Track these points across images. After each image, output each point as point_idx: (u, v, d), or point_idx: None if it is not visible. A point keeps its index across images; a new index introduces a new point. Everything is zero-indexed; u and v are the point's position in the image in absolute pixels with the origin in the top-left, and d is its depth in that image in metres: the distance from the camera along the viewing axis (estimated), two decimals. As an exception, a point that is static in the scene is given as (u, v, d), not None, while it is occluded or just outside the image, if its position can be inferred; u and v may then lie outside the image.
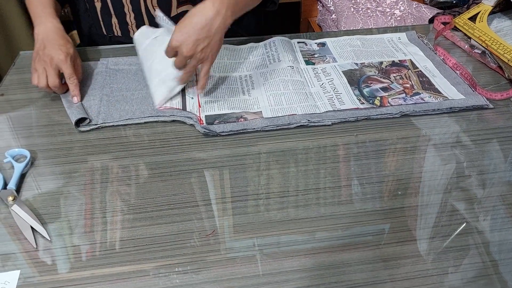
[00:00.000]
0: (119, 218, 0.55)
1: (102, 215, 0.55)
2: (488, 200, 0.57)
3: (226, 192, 0.58)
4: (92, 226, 0.54)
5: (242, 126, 0.68)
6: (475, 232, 0.53)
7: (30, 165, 0.63)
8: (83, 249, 0.51)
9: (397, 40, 0.91)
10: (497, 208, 0.56)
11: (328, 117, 0.69)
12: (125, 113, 0.70)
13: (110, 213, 0.56)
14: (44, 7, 0.78)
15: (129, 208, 0.56)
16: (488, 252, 0.51)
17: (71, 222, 0.54)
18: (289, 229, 0.54)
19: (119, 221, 0.54)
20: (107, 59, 0.84)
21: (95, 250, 0.51)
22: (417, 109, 0.71)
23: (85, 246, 0.52)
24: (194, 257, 0.51)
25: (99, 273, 0.49)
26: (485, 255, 0.50)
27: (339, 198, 0.58)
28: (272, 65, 0.82)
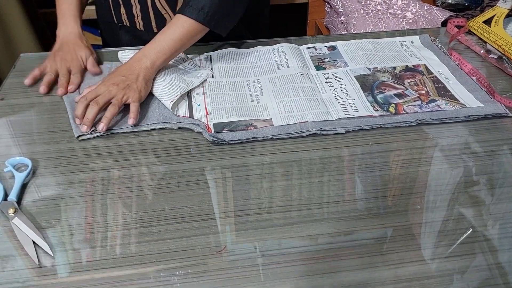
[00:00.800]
0: (125, 232, 0.53)
1: (107, 229, 0.53)
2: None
3: (237, 205, 0.56)
4: (97, 241, 0.52)
5: (252, 135, 0.65)
6: (494, 250, 0.51)
7: (32, 175, 0.61)
8: (87, 266, 0.49)
9: (410, 43, 0.89)
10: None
11: (341, 125, 0.67)
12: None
13: (115, 227, 0.53)
14: (68, 5, 0.84)
15: (136, 221, 0.54)
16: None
17: (75, 237, 0.52)
18: (304, 245, 0.51)
19: (125, 235, 0.52)
20: (111, 63, 0.82)
21: (101, 268, 0.49)
22: (433, 117, 0.69)
23: (89, 263, 0.49)
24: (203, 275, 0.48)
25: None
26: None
27: (355, 213, 0.55)
28: (281, 70, 0.80)
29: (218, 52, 0.85)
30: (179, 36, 0.73)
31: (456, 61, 0.84)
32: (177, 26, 0.74)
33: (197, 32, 0.75)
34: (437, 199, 0.57)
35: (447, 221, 0.54)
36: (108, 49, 0.89)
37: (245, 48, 0.87)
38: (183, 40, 0.74)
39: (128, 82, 0.69)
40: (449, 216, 0.55)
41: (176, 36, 0.73)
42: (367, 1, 1.07)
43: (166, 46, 0.72)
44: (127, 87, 0.68)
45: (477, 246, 0.51)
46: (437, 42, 0.89)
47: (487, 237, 0.52)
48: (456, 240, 0.52)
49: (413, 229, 0.53)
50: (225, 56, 0.84)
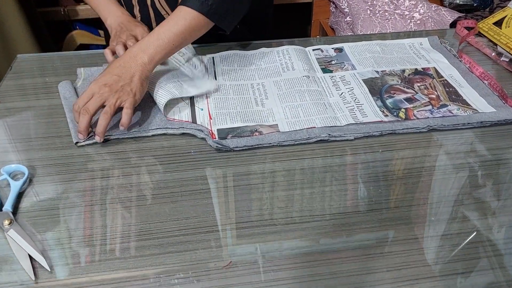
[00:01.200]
0: (126, 245, 0.50)
1: (107, 242, 0.51)
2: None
3: (243, 216, 0.54)
4: (96, 255, 0.49)
5: (257, 141, 0.63)
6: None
7: (28, 183, 0.58)
8: (85, 282, 0.46)
9: (419, 45, 0.87)
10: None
11: (350, 131, 0.65)
12: (131, 125, 0.66)
13: (115, 239, 0.51)
14: (107, 1, 0.82)
15: (137, 233, 0.52)
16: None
17: (72, 250, 0.50)
18: (315, 260, 0.49)
19: (126, 248, 0.50)
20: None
21: (100, 284, 0.47)
22: (445, 123, 0.67)
23: (87, 278, 0.47)
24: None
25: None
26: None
27: (366, 224, 0.53)
28: (286, 73, 0.78)
29: (221, 54, 0.82)
30: (180, 29, 0.68)
31: (467, 64, 0.81)
32: (179, 18, 0.69)
33: (200, 26, 0.71)
34: (450, 210, 0.55)
35: (461, 234, 0.52)
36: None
37: (248, 50, 0.84)
38: (184, 33, 0.69)
39: (121, 84, 0.64)
40: (463, 229, 0.52)
41: (177, 29, 0.68)
42: (373, 1, 1.04)
43: (166, 39, 0.67)
44: (120, 90, 0.63)
45: (494, 260, 0.49)
46: (447, 44, 0.87)
47: (502, 251, 0.50)
48: (470, 253, 0.50)
49: (426, 242, 0.51)
50: (229, 58, 0.82)
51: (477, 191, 0.58)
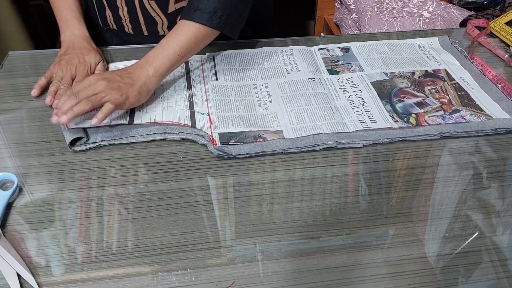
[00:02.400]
0: (122, 262, 0.47)
1: (102, 259, 0.48)
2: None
3: (246, 231, 0.51)
4: (90, 272, 0.46)
5: (261, 148, 0.60)
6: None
7: (18, 193, 0.54)
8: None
9: (429, 45, 0.83)
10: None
11: (358, 138, 0.62)
12: (127, 129, 0.62)
13: (111, 256, 0.48)
14: (70, 10, 0.77)
15: (134, 250, 0.49)
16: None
17: (65, 268, 0.47)
18: (322, 280, 0.46)
19: (122, 265, 0.47)
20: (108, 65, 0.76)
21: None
22: (458, 130, 0.64)
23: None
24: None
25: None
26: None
27: (377, 242, 0.50)
28: (290, 75, 0.74)
29: (222, 52, 0.79)
30: (186, 41, 0.66)
31: (479, 66, 0.78)
32: (184, 29, 0.67)
33: (206, 37, 0.69)
34: (467, 225, 0.52)
35: (478, 252, 0.49)
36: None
37: (250, 49, 0.80)
38: (190, 45, 0.67)
39: (119, 84, 0.62)
40: (481, 247, 0.49)
41: (183, 42, 0.66)
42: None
43: (171, 51, 0.65)
44: (116, 88, 0.61)
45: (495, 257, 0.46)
46: (457, 44, 0.83)
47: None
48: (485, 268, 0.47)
49: (439, 261, 0.48)
50: (230, 57, 0.78)
51: (488, 202, 0.54)
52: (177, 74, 0.74)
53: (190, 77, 0.73)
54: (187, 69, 0.75)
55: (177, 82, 0.72)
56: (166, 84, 0.71)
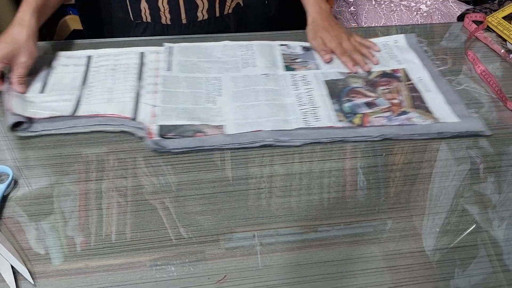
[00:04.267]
0: (116, 255, 0.50)
1: (96, 252, 0.49)
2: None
3: (239, 223, 0.53)
4: (84, 266, 0.48)
5: (199, 143, 0.61)
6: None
7: (13, 185, 0.55)
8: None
9: (394, 44, 0.82)
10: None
11: (298, 136, 0.63)
12: (69, 120, 0.64)
13: (105, 249, 0.50)
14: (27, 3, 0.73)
15: (128, 243, 0.50)
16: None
17: (59, 260, 0.47)
18: (315, 274, 0.47)
19: (116, 258, 0.50)
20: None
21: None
22: (401, 133, 0.64)
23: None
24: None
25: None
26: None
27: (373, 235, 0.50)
28: (246, 69, 0.75)
29: (180, 45, 0.79)
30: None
31: (471, 62, 0.77)
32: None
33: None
34: (456, 220, 0.52)
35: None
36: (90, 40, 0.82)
37: (210, 42, 0.80)
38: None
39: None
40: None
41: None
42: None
43: None
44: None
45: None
46: (424, 43, 0.82)
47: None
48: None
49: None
50: (188, 49, 0.79)
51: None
52: (131, 65, 0.75)
53: (143, 69, 0.74)
54: (141, 60, 0.76)
55: (129, 74, 0.73)
56: (117, 75, 0.73)
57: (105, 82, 0.71)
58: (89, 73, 0.73)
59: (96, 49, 0.78)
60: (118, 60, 0.76)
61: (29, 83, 0.70)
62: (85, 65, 0.75)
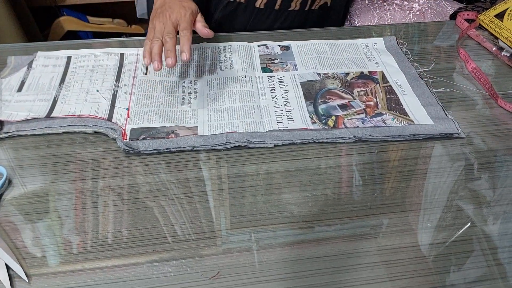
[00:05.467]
0: (109, 254, 0.51)
1: (90, 250, 0.50)
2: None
3: (233, 220, 0.54)
4: (77, 263, 0.49)
5: (171, 144, 0.62)
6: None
7: (7, 185, 0.55)
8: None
9: (373, 46, 0.83)
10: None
11: (271, 138, 0.63)
12: (43, 121, 0.65)
13: (99, 247, 0.51)
14: None
15: (121, 241, 0.51)
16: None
17: (53, 258, 0.48)
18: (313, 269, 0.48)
19: (109, 257, 0.50)
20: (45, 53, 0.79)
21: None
22: (374, 134, 0.64)
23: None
24: None
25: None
26: None
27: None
28: (223, 71, 0.76)
29: None
30: None
31: (462, 59, 0.78)
32: None
33: None
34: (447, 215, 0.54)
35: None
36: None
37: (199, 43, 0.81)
38: None
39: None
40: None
41: None
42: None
43: None
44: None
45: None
46: (404, 46, 0.82)
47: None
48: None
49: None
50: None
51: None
52: (110, 66, 0.76)
53: (122, 70, 0.75)
54: (121, 62, 0.77)
55: (107, 74, 0.74)
56: (95, 75, 0.74)
57: (82, 83, 0.72)
58: (67, 73, 0.74)
59: (76, 50, 0.78)
60: (97, 61, 0.77)
61: (7, 83, 0.71)
62: (64, 65, 0.76)
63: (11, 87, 0.70)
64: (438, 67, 0.78)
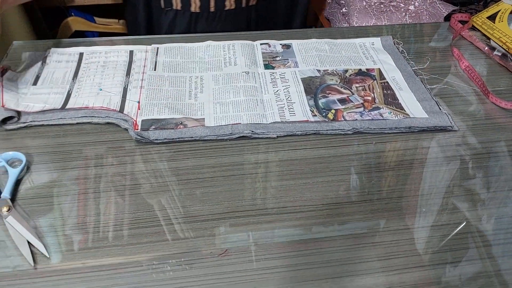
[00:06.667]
0: (123, 232, 0.54)
1: (104, 229, 0.53)
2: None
3: (238, 204, 0.56)
4: (92, 241, 0.52)
5: (180, 134, 0.66)
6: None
7: (26, 170, 0.59)
8: (83, 268, 0.48)
9: (370, 45, 0.87)
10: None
11: (274, 129, 0.67)
12: (58, 112, 0.69)
13: (112, 227, 0.54)
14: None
15: (132, 221, 0.55)
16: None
17: (70, 237, 0.51)
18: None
19: (121, 235, 0.54)
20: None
21: (98, 270, 0.48)
22: (372, 126, 0.68)
23: (84, 264, 0.50)
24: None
25: (102, 286, 0.48)
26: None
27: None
28: (228, 68, 0.80)
29: (165, 45, 0.84)
30: None
31: (456, 58, 0.82)
32: None
33: None
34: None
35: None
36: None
37: (194, 42, 0.85)
38: None
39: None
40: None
41: None
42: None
43: None
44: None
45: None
46: (400, 45, 0.86)
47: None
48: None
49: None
50: (173, 49, 0.83)
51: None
52: (120, 62, 0.80)
53: (131, 66, 0.79)
54: (130, 58, 0.81)
55: (118, 70, 0.78)
56: (106, 71, 0.77)
57: (94, 77, 0.75)
58: (80, 68, 0.78)
59: (88, 47, 0.82)
60: (108, 57, 0.80)
61: (23, 76, 0.75)
62: (77, 61, 0.80)
63: (26, 81, 0.74)
64: (433, 65, 0.82)
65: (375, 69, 0.80)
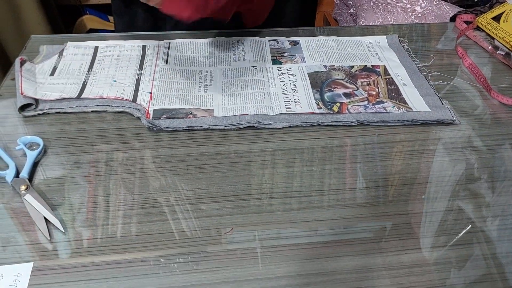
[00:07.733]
0: (134, 212, 0.55)
1: (116, 209, 0.55)
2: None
3: (244, 189, 0.59)
4: (106, 219, 0.54)
5: (189, 123, 0.69)
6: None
7: (43, 154, 0.62)
8: (97, 241, 0.51)
9: (376, 43, 0.89)
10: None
11: (280, 120, 0.69)
12: (74, 100, 0.72)
13: (124, 206, 0.56)
14: None
15: (145, 202, 0.58)
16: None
17: (85, 214, 0.54)
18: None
19: (134, 215, 0.55)
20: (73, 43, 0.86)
21: (111, 245, 0.52)
22: (375, 119, 0.70)
23: (99, 238, 0.53)
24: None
25: (113, 260, 0.51)
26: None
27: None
28: (236, 62, 0.82)
29: (177, 40, 0.87)
30: None
31: (460, 56, 0.84)
32: None
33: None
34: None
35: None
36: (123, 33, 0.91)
37: (204, 38, 0.88)
38: None
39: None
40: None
41: None
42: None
43: None
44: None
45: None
46: (405, 44, 0.89)
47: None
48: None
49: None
50: (184, 45, 0.87)
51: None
52: (134, 56, 0.83)
53: (144, 60, 0.82)
54: (143, 53, 0.84)
55: (131, 63, 0.81)
56: (120, 63, 0.81)
57: (109, 70, 0.79)
58: (95, 61, 0.81)
59: (103, 41, 0.86)
60: (122, 51, 0.84)
61: (41, 68, 0.79)
62: (92, 54, 0.83)
63: (44, 71, 0.77)
64: (437, 63, 0.84)
65: (380, 65, 0.82)
